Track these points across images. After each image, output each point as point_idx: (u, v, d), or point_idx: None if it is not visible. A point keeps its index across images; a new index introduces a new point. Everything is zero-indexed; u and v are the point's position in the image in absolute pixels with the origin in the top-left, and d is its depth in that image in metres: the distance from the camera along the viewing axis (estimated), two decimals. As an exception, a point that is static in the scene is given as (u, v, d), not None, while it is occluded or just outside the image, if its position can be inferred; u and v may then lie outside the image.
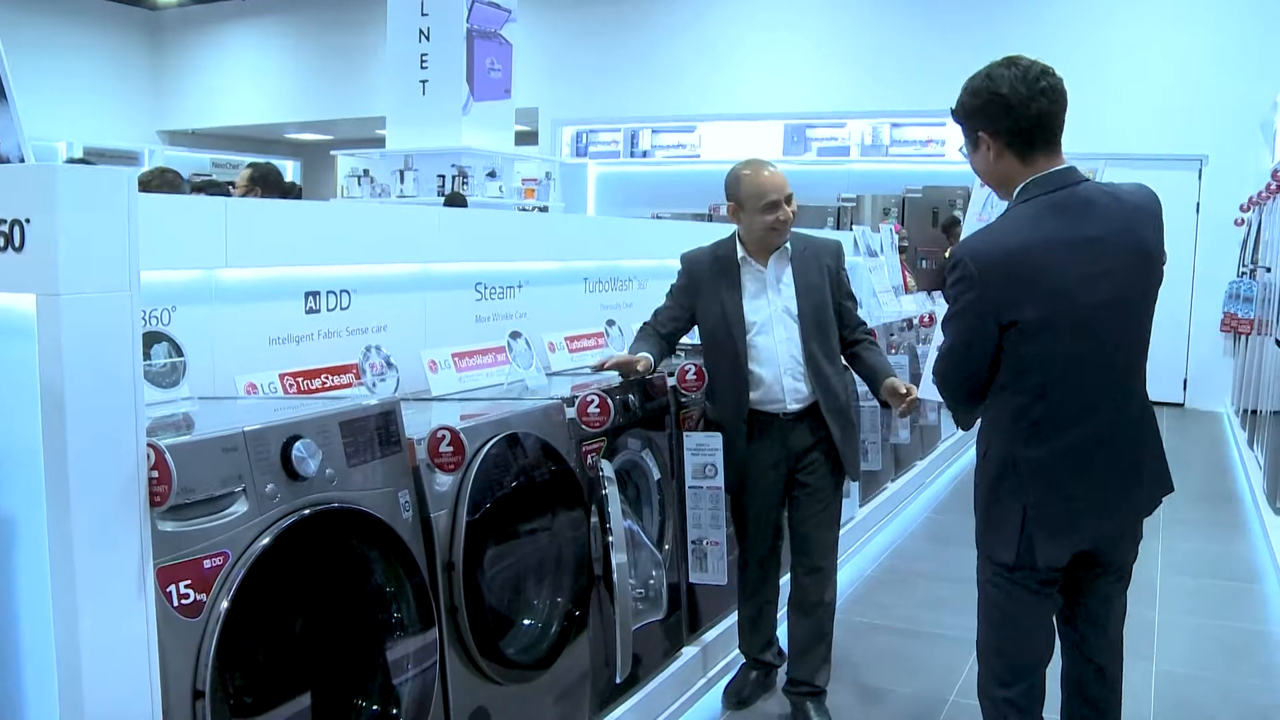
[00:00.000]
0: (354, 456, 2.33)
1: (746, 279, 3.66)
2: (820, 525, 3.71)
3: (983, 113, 2.51)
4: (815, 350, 3.62)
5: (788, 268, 3.66)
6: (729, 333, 3.63)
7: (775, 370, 3.61)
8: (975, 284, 2.44)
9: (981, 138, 2.54)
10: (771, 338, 3.62)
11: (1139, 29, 11.29)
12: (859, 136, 12.74)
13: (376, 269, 3.43)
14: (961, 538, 2.82)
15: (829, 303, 3.68)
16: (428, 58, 10.73)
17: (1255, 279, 8.89)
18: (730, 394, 3.68)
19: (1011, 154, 2.51)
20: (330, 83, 15.61)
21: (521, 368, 3.67)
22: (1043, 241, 2.44)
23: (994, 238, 2.50)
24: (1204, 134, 10.93)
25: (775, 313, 3.63)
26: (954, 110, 2.63)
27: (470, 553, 2.66)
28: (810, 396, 3.64)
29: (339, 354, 3.18)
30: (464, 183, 10.68)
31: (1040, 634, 2.70)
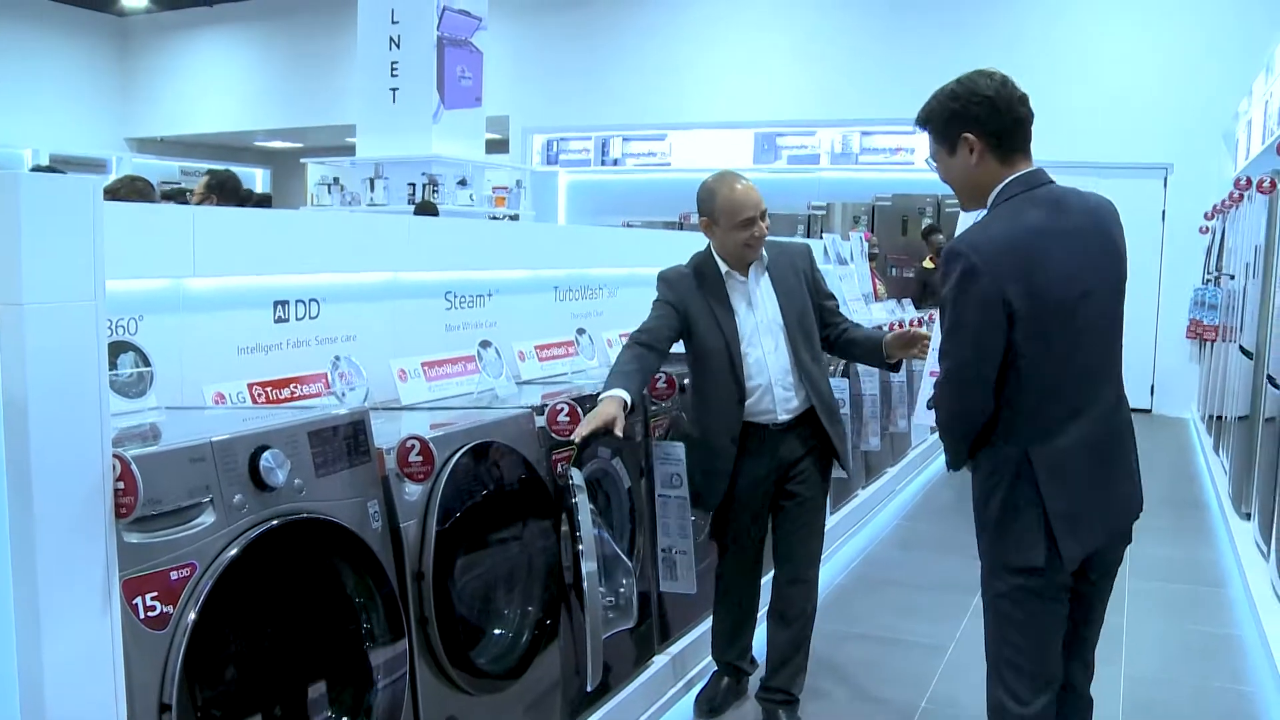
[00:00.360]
0: (323, 466, 2.32)
1: (732, 291, 3.63)
2: (807, 536, 3.71)
3: (967, 115, 2.56)
4: (804, 357, 3.62)
5: (765, 276, 3.65)
6: (726, 346, 3.58)
7: (766, 381, 3.60)
8: (979, 273, 2.44)
9: (965, 140, 2.57)
10: (760, 349, 3.61)
11: (1105, 40, 11.41)
12: (829, 145, 12.80)
13: (346, 278, 3.42)
14: (931, 544, 2.84)
15: (809, 306, 3.68)
16: (398, 66, 10.71)
17: (1219, 286, 8.98)
18: (725, 408, 3.61)
19: (993, 156, 2.56)
20: (300, 90, 15.56)
21: (491, 376, 3.67)
22: (1030, 232, 2.48)
23: (986, 231, 2.52)
24: (1168, 143, 11.05)
25: (762, 324, 3.61)
26: (927, 118, 2.65)
27: (440, 562, 2.65)
28: (801, 404, 3.64)
29: (308, 363, 3.16)
30: (435, 191, 10.66)
31: (1059, 644, 2.67)
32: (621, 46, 13.60)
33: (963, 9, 11.97)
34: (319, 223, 3.90)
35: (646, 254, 3.90)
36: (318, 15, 15.03)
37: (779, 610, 3.74)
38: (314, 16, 15.15)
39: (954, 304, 2.50)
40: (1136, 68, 11.21)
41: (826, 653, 4.42)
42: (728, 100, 13.04)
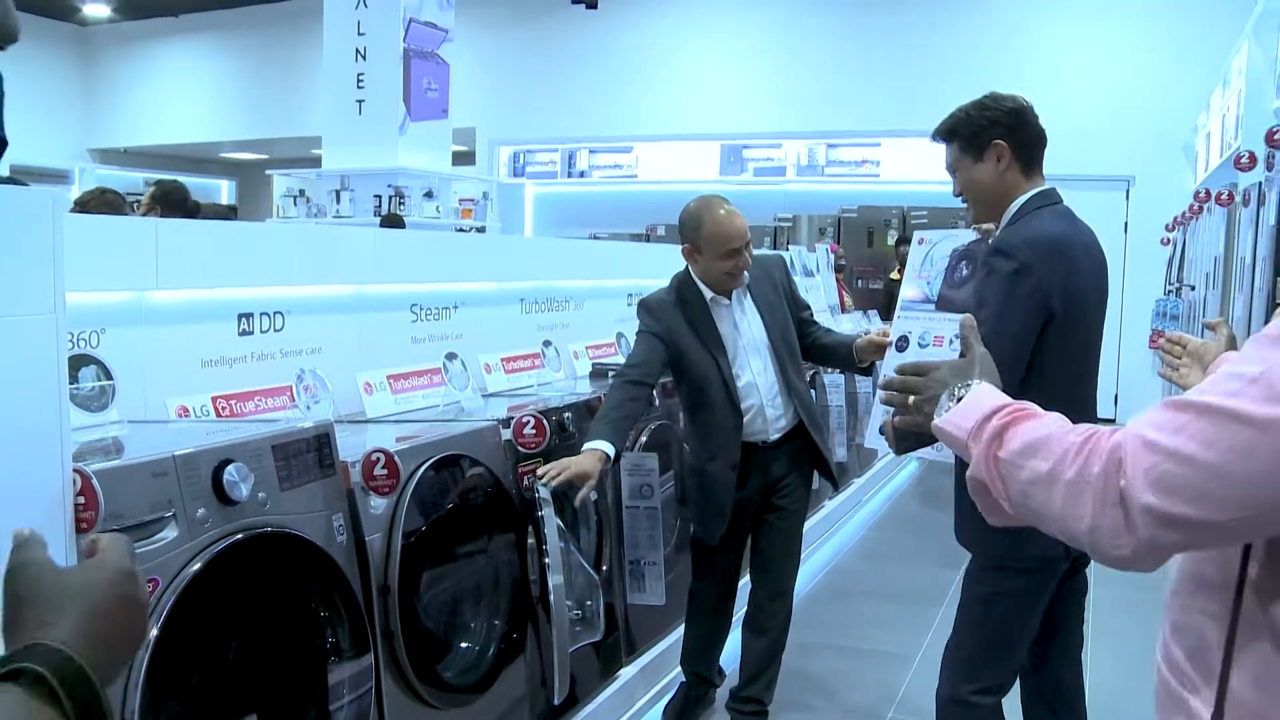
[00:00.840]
0: (287, 480, 2.31)
1: (717, 316, 3.60)
2: (788, 549, 3.73)
3: (1001, 123, 2.69)
4: (790, 373, 3.62)
5: (747, 296, 3.65)
6: (720, 375, 3.56)
7: (757, 403, 3.60)
8: (1031, 271, 2.53)
9: (995, 146, 2.68)
10: (750, 371, 3.60)
11: (1068, 55, 11.53)
12: (795, 157, 12.85)
13: (311, 290, 3.40)
14: (898, 554, 2.86)
15: (790, 320, 3.69)
16: (364, 77, 10.69)
17: (1180, 297, 9.08)
18: (726, 432, 3.59)
19: (1018, 166, 2.70)
20: (266, 102, 15.50)
21: (457, 389, 3.66)
22: (1068, 240, 2.63)
23: (1035, 231, 2.61)
24: (1130, 156, 11.17)
25: (749, 345, 3.61)
26: (954, 128, 2.74)
27: (406, 576, 2.64)
28: (790, 422, 3.65)
29: (273, 376, 3.15)
30: (401, 203, 10.63)
31: (1031, 635, 2.77)
32: (588, 59, 13.63)
33: (927, 24, 12.07)
34: (284, 235, 3.89)
35: (613, 266, 3.90)
36: (284, 26, 14.98)
37: (756, 622, 3.75)
38: (280, 27, 15.10)
39: (1001, 302, 2.54)
40: (1099, 82, 11.33)
41: (795, 662, 4.42)
42: (694, 112, 13.09)
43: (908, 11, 12.18)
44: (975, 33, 11.85)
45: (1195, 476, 1.05)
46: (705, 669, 3.89)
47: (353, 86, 10.71)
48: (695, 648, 3.87)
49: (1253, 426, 1.02)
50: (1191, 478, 1.06)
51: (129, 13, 16.03)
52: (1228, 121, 7.73)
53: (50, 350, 1.79)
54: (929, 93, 10.63)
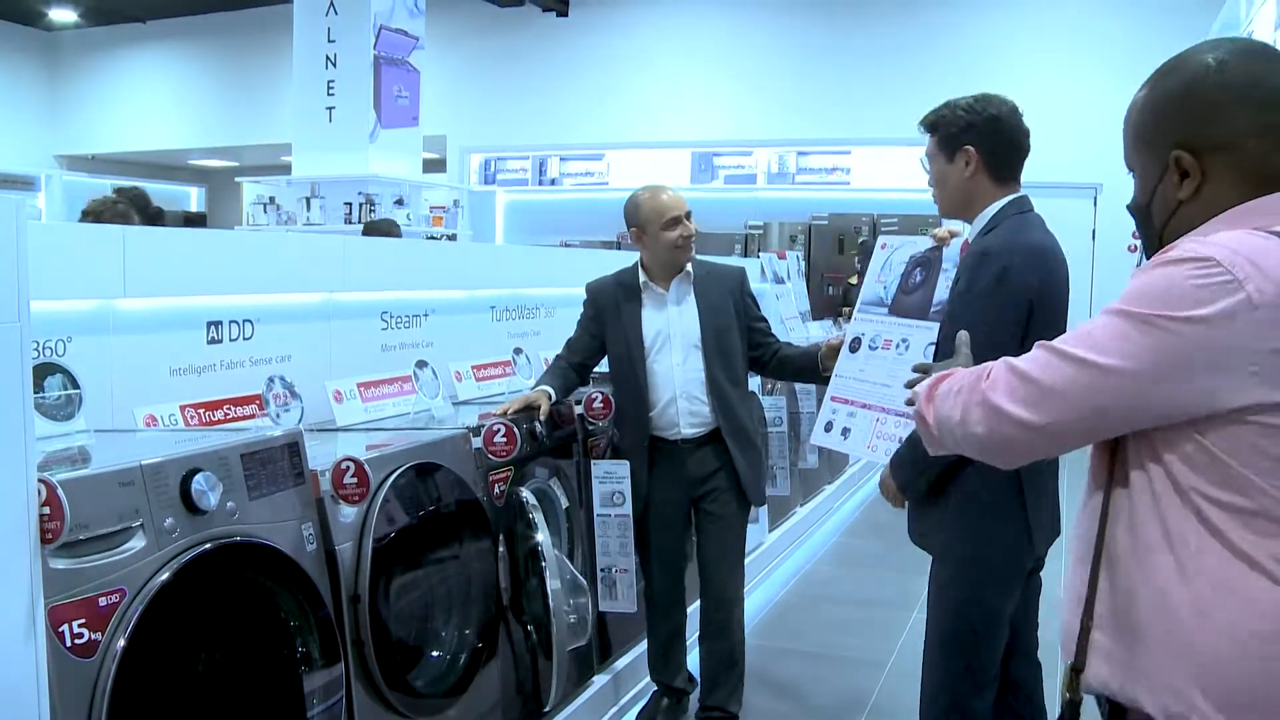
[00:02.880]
0: (256, 489, 2.30)
1: (647, 302, 3.69)
2: (726, 554, 3.73)
3: (976, 129, 2.72)
4: (718, 373, 3.64)
5: (689, 292, 3.69)
6: (629, 355, 3.66)
7: (670, 393, 3.64)
8: (1014, 273, 2.59)
9: (965, 151, 2.72)
10: (668, 360, 3.64)
11: (1035, 64, 11.61)
12: (765, 164, 12.87)
13: (280, 298, 3.39)
14: (870, 561, 2.87)
15: (734, 326, 3.70)
16: (334, 84, 10.64)
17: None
18: (633, 419, 3.70)
19: (986, 173, 2.73)
20: (235, 108, 15.39)
21: (428, 397, 3.65)
22: (1045, 247, 2.69)
23: (1016, 238, 2.66)
24: (1097, 164, 11.17)
25: (673, 335, 3.65)
26: (936, 122, 2.77)
27: (376, 585, 2.63)
28: (710, 421, 3.66)
29: (242, 384, 3.13)
30: (371, 210, 10.59)
31: (1006, 633, 2.81)
32: (559, 67, 13.63)
33: (897, 34, 12.14)
34: (253, 243, 3.86)
35: (584, 274, 3.91)
36: (253, 33, 14.91)
37: (707, 631, 3.77)
38: (249, 34, 15.02)
39: (986, 304, 2.60)
40: (1066, 91, 11.42)
41: (766, 669, 4.44)
42: (665, 120, 13.11)
43: (877, 20, 12.26)
44: (944, 42, 11.93)
45: (1032, 391, 1.50)
46: (670, 677, 3.89)
47: (323, 93, 10.67)
48: (655, 653, 3.88)
49: (1075, 364, 1.47)
50: (1030, 391, 1.51)
51: (96, 18, 15.90)
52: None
53: (14, 359, 1.77)
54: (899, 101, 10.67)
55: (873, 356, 3.41)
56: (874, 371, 3.40)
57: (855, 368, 3.45)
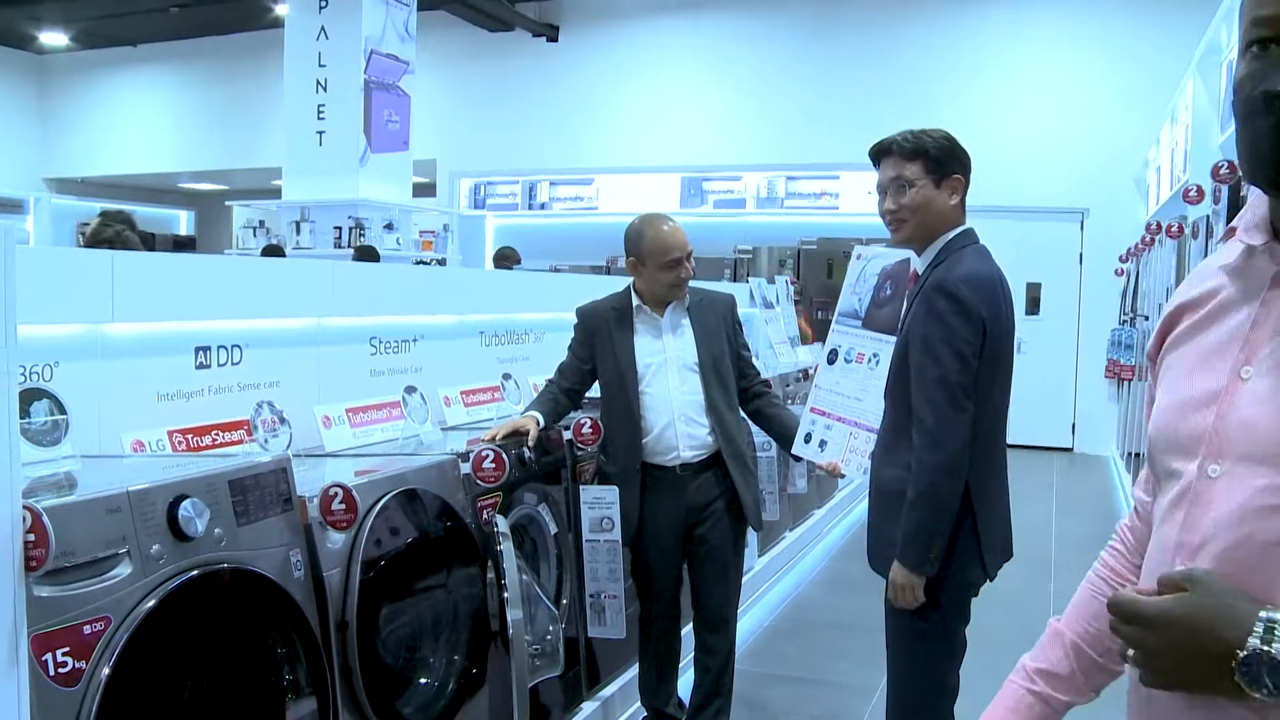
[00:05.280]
0: (244, 515, 2.28)
1: (640, 327, 3.68)
2: (720, 580, 3.72)
3: (961, 161, 2.81)
4: (716, 397, 3.64)
5: (685, 317, 3.68)
6: (621, 380, 3.64)
7: (668, 417, 3.62)
8: (970, 305, 2.65)
9: (954, 180, 2.80)
10: (665, 385, 3.63)
11: (1024, 89, 11.70)
12: (754, 189, 12.93)
13: (269, 323, 3.38)
14: (860, 585, 2.86)
15: (726, 353, 3.71)
16: (325, 109, 10.68)
17: (1134, 327, 9.19)
18: (624, 443, 3.67)
19: (959, 203, 2.81)
20: (226, 132, 15.41)
21: (416, 422, 3.64)
22: (996, 277, 2.76)
23: (966, 269, 2.72)
24: (1085, 188, 11.34)
25: (669, 360, 3.64)
26: (922, 148, 2.79)
27: (364, 611, 2.61)
28: (711, 445, 3.65)
29: (230, 410, 3.12)
30: (361, 235, 10.60)
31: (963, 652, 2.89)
32: (549, 91, 13.68)
33: (885, 58, 12.21)
34: (242, 268, 3.86)
35: (573, 298, 3.90)
36: (244, 57, 14.95)
37: (698, 653, 3.76)
38: (240, 58, 15.06)
39: (946, 335, 2.65)
40: (1055, 117, 11.51)
41: (755, 695, 4.42)
42: (654, 145, 13.16)
43: (865, 46, 12.33)
44: (932, 68, 12.00)
45: None
46: (661, 703, 3.87)
47: (313, 118, 10.71)
48: (646, 679, 3.87)
49: None
50: None
51: (87, 42, 15.93)
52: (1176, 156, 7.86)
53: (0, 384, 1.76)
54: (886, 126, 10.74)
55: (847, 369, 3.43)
56: (848, 385, 3.41)
57: (832, 380, 3.46)
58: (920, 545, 2.69)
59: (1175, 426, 1.28)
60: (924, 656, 2.83)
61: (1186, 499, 1.24)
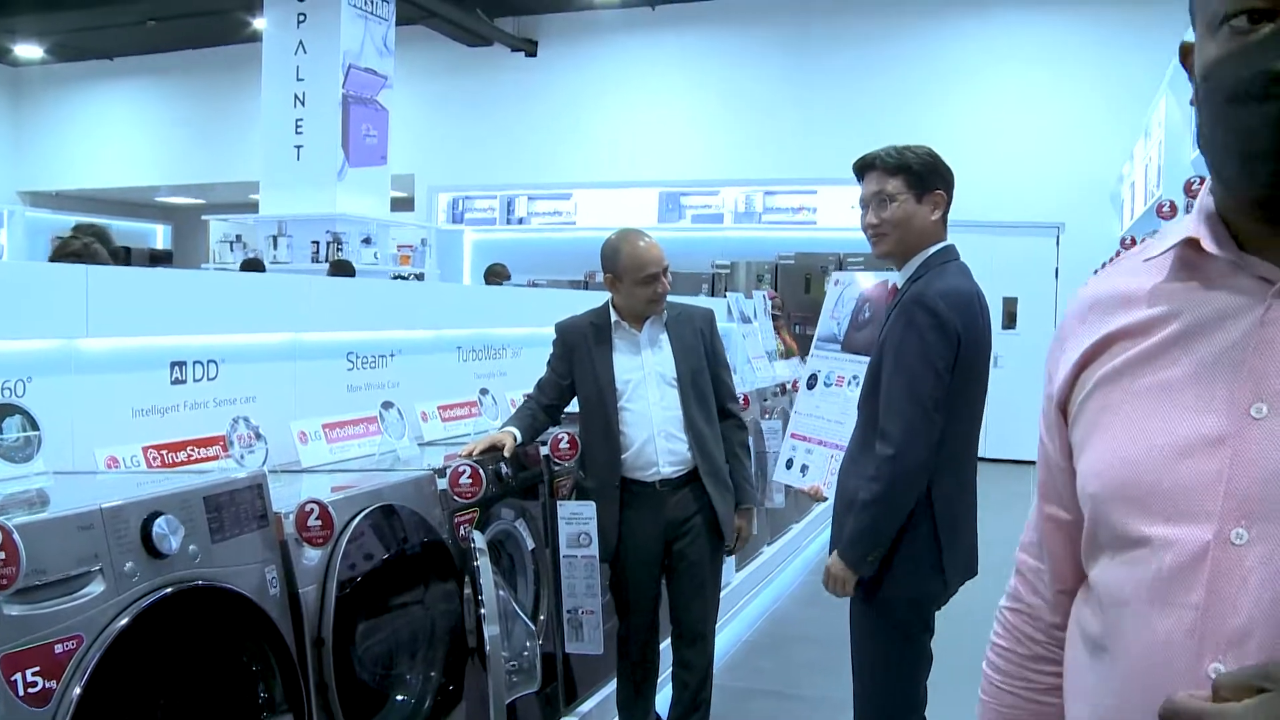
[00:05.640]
0: (219, 532, 2.27)
1: (619, 342, 3.67)
2: (699, 596, 3.71)
3: (943, 176, 2.83)
4: (694, 413, 3.63)
5: (663, 332, 3.68)
6: (600, 396, 3.63)
7: (648, 433, 3.61)
8: (945, 320, 2.66)
9: (936, 195, 2.81)
10: (645, 400, 3.62)
11: (1000, 104, 11.80)
12: (732, 204, 12.96)
13: (245, 338, 3.36)
14: (838, 601, 2.86)
15: (705, 366, 3.71)
16: (303, 123, 10.66)
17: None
18: (603, 459, 3.66)
19: (941, 219, 2.82)
20: (203, 146, 15.33)
21: (393, 438, 3.63)
22: (973, 294, 2.77)
23: (944, 284, 2.73)
24: (1060, 204, 11.41)
25: (649, 375, 3.64)
26: (904, 163, 2.81)
27: (340, 628, 2.60)
28: (689, 461, 3.65)
29: (206, 425, 3.10)
30: (339, 249, 10.57)
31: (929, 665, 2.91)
32: (527, 106, 13.69)
33: (862, 74, 12.28)
34: (218, 282, 3.84)
35: (551, 313, 3.90)
36: (222, 71, 14.89)
37: (676, 669, 3.75)
38: (218, 72, 15.00)
39: (921, 349, 2.66)
40: (1030, 132, 11.60)
41: (733, 710, 4.41)
42: (632, 160, 13.18)
43: (843, 61, 12.39)
44: (910, 83, 12.07)
45: None
46: (639, 718, 3.86)
47: (291, 132, 10.69)
48: (624, 695, 3.85)
49: None
50: None
51: (62, 54, 15.84)
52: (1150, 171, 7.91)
53: (-27, 402, 1.75)
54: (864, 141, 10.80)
55: (827, 393, 3.47)
56: (828, 408, 3.44)
57: (812, 404, 3.49)
58: (860, 548, 2.74)
59: (1153, 480, 1.04)
60: (887, 667, 2.84)
61: (1200, 575, 0.99)
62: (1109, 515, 1.08)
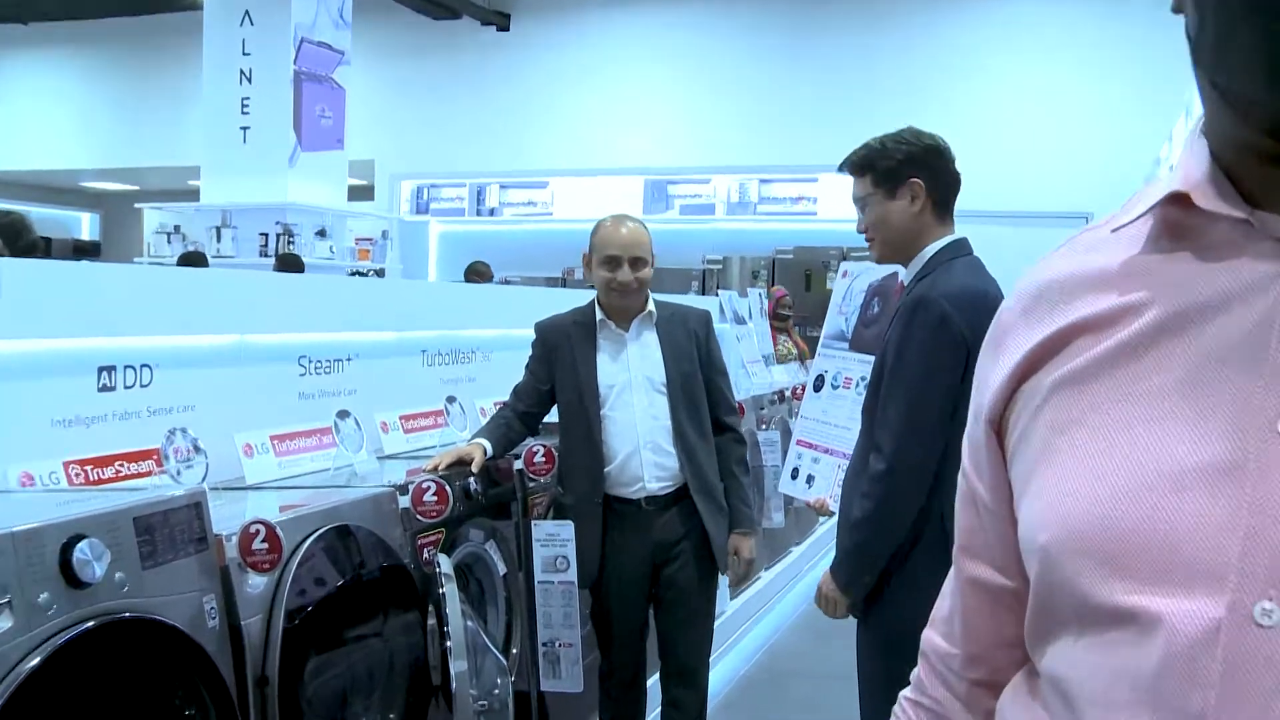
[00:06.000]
0: (151, 558, 2.22)
1: (604, 343, 3.65)
2: (690, 626, 3.70)
3: (921, 161, 2.76)
4: (685, 423, 3.61)
5: (652, 332, 3.66)
6: (581, 402, 3.62)
7: (633, 443, 3.59)
8: (952, 321, 2.61)
9: (912, 185, 2.75)
10: (630, 408, 3.60)
11: (1020, 84, 11.80)
12: (725, 193, 12.97)
13: (184, 340, 3.33)
14: (843, 630, 2.84)
15: (698, 372, 3.68)
16: (249, 102, 10.62)
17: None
18: (584, 472, 3.64)
19: (931, 210, 2.77)
20: (136, 126, 15.21)
21: (350, 451, 3.59)
22: (986, 293, 2.69)
23: (952, 282, 2.69)
24: (1089, 190, 11.33)
25: (634, 380, 3.62)
26: (867, 160, 2.79)
27: (288, 664, 2.57)
28: (678, 475, 3.62)
29: (137, 438, 3.05)
30: (290, 242, 10.54)
31: None
32: (499, 86, 13.68)
33: (868, 52, 12.29)
34: (153, 277, 3.79)
35: (526, 314, 3.88)
36: (158, 42, 14.78)
37: (665, 709, 3.74)
38: (153, 43, 14.89)
39: (927, 357, 2.63)
40: (1053, 112, 11.60)
41: (728, 756, 4.38)
42: (615, 145, 13.17)
43: (846, 37, 12.41)
44: (919, 63, 12.08)
45: None
46: (625, 763, 3.84)
47: (236, 112, 10.65)
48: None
49: None
50: None
51: (-31, 20, 15.65)
52: (1190, 155, 7.89)
53: None
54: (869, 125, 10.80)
55: (835, 396, 3.45)
56: (836, 413, 3.43)
57: (819, 408, 3.47)
58: (852, 568, 2.72)
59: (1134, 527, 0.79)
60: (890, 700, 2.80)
61: (1209, 667, 0.74)
62: (1072, 579, 0.83)
